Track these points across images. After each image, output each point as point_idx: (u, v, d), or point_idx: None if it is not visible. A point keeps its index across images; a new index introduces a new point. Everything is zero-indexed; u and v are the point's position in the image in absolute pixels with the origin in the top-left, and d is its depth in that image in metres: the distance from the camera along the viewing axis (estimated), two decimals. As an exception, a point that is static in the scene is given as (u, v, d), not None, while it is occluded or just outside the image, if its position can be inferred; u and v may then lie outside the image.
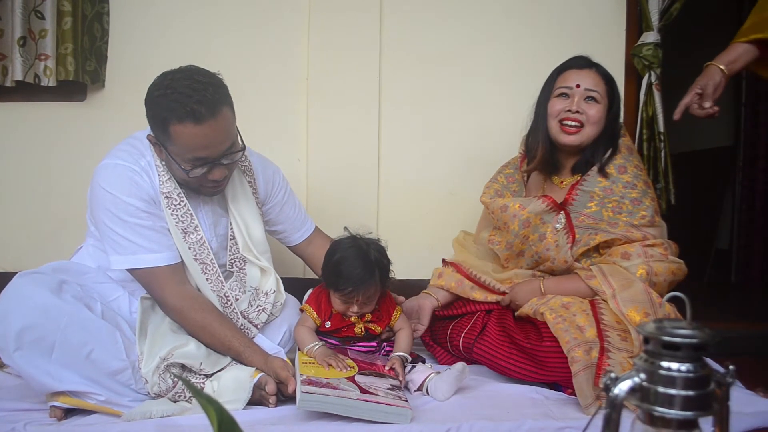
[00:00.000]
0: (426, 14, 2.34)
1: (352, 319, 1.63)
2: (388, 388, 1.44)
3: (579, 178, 1.74)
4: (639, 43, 2.22)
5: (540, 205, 1.73)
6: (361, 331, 1.64)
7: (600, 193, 1.69)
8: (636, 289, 1.55)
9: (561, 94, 1.73)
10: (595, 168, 1.71)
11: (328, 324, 1.64)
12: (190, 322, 1.53)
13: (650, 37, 2.19)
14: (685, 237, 1.81)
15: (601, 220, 1.68)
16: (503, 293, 1.78)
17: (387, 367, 1.56)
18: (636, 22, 2.31)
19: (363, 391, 1.40)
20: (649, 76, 2.20)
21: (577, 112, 1.69)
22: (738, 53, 1.61)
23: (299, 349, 1.62)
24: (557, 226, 1.71)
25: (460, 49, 2.35)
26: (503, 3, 2.35)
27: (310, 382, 1.38)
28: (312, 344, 1.57)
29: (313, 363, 1.51)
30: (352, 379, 1.45)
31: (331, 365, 1.48)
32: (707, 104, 1.60)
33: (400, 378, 1.53)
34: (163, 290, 1.52)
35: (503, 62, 2.36)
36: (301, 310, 1.70)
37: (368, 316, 1.65)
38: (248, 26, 2.33)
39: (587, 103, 1.69)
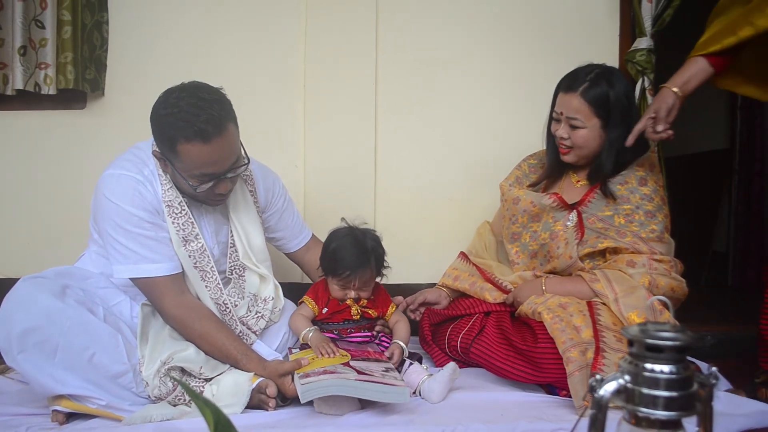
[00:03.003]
0: (421, 21, 2.36)
1: (348, 302, 1.69)
2: (383, 371, 1.48)
3: (597, 184, 1.77)
4: (632, 48, 2.24)
5: (549, 202, 1.81)
6: (357, 314, 1.69)
7: (616, 195, 1.73)
8: (638, 295, 1.58)
9: (554, 118, 1.81)
10: (616, 178, 1.75)
11: (325, 310, 1.70)
12: (189, 331, 1.55)
13: (643, 42, 2.21)
14: (681, 239, 1.83)
15: (611, 226, 1.72)
16: (509, 291, 1.83)
17: (387, 354, 1.61)
18: (629, 28, 2.34)
19: (360, 373, 1.43)
20: (643, 81, 2.22)
21: (562, 138, 1.77)
22: (691, 73, 1.64)
23: (289, 352, 1.67)
24: (568, 223, 1.77)
25: (454, 55, 2.37)
26: (498, 8, 2.37)
27: (306, 376, 1.42)
28: (306, 329, 1.63)
29: (307, 359, 1.54)
30: (347, 364, 1.49)
31: (323, 352, 1.53)
32: (660, 128, 1.62)
33: (394, 361, 1.58)
34: (163, 299, 1.54)
35: (498, 67, 2.38)
36: (301, 302, 1.74)
37: (364, 302, 1.71)
38: (246, 34, 2.35)
39: (572, 130, 1.75)
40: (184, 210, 1.57)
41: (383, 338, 1.74)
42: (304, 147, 2.36)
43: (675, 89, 1.62)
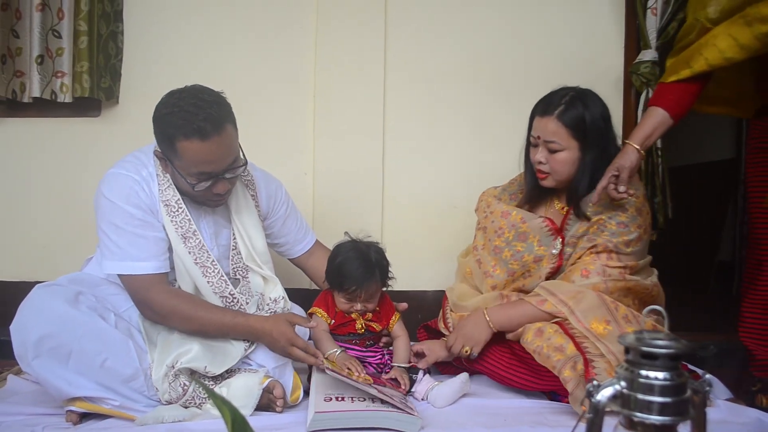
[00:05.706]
0: (429, 33, 2.40)
1: (353, 315, 1.71)
2: (401, 399, 1.50)
3: (572, 207, 1.76)
4: (637, 60, 2.27)
5: (539, 224, 1.77)
6: (362, 328, 1.71)
7: (591, 216, 1.71)
8: (589, 299, 1.59)
9: (531, 143, 1.79)
10: (588, 196, 1.71)
11: (331, 321, 1.71)
12: (180, 315, 1.55)
13: (648, 55, 2.24)
14: (687, 249, 1.85)
15: (586, 235, 1.72)
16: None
17: (386, 378, 1.62)
18: (634, 40, 2.36)
19: (379, 390, 1.46)
20: (647, 92, 2.23)
21: (540, 162, 1.74)
22: (653, 126, 1.68)
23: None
24: (554, 251, 1.75)
25: (462, 67, 2.41)
26: (505, 21, 2.41)
27: (332, 371, 1.46)
28: (333, 350, 1.64)
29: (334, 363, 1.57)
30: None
31: (350, 370, 1.55)
32: (622, 189, 1.63)
33: (404, 386, 1.59)
34: (148, 293, 1.55)
35: (505, 79, 2.41)
36: (311, 314, 1.75)
37: (369, 315, 1.73)
38: (257, 45, 2.40)
39: (550, 154, 1.72)
40: (181, 207, 1.60)
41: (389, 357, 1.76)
42: (314, 155, 2.40)
43: (637, 146, 1.66)
